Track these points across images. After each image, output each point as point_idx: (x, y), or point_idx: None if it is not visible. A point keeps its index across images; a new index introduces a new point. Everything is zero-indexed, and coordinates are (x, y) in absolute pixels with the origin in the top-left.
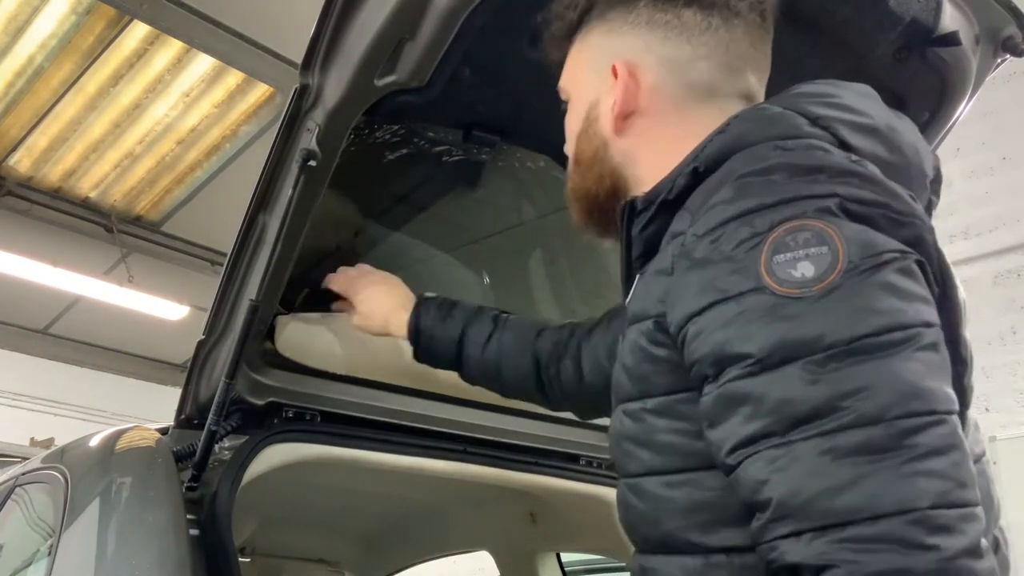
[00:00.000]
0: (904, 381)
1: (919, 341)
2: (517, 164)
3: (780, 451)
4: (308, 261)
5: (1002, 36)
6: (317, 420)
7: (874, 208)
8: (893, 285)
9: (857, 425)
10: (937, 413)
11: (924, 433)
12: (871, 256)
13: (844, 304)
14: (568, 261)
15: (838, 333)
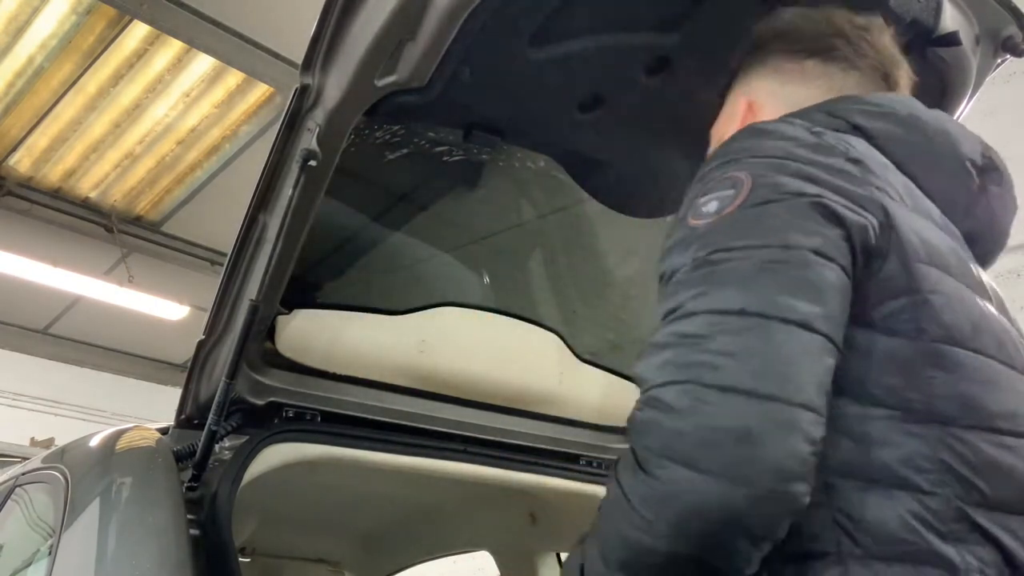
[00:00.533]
0: (728, 284)
1: (768, 256)
2: (517, 164)
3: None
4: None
5: (1002, 36)
6: (317, 420)
7: (794, 162)
8: (770, 214)
9: (683, 317)
10: (750, 316)
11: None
12: (760, 201)
13: (725, 227)
14: (568, 261)
15: (707, 248)
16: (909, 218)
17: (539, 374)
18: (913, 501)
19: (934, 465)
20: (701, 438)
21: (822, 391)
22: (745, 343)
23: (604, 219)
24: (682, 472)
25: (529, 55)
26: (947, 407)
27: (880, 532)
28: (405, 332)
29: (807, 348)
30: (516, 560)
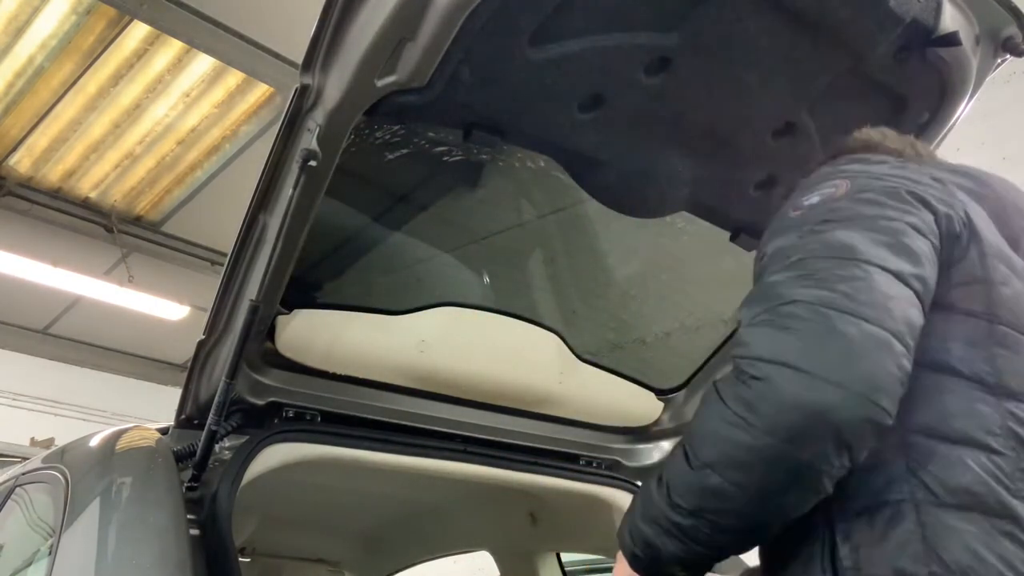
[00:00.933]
0: (837, 235)
1: (870, 223)
2: (517, 164)
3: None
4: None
5: (1002, 36)
6: (317, 420)
7: (888, 177)
8: (870, 198)
9: (796, 261)
10: (856, 260)
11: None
12: (860, 191)
13: (829, 207)
14: (568, 261)
15: (813, 222)
16: (986, 224)
17: (539, 374)
18: (986, 459)
19: (1003, 431)
20: (808, 346)
21: (912, 332)
22: (854, 279)
23: (604, 219)
24: (786, 372)
25: (529, 55)
26: (1012, 382)
27: (954, 484)
28: (405, 332)
29: (900, 293)
30: (516, 560)
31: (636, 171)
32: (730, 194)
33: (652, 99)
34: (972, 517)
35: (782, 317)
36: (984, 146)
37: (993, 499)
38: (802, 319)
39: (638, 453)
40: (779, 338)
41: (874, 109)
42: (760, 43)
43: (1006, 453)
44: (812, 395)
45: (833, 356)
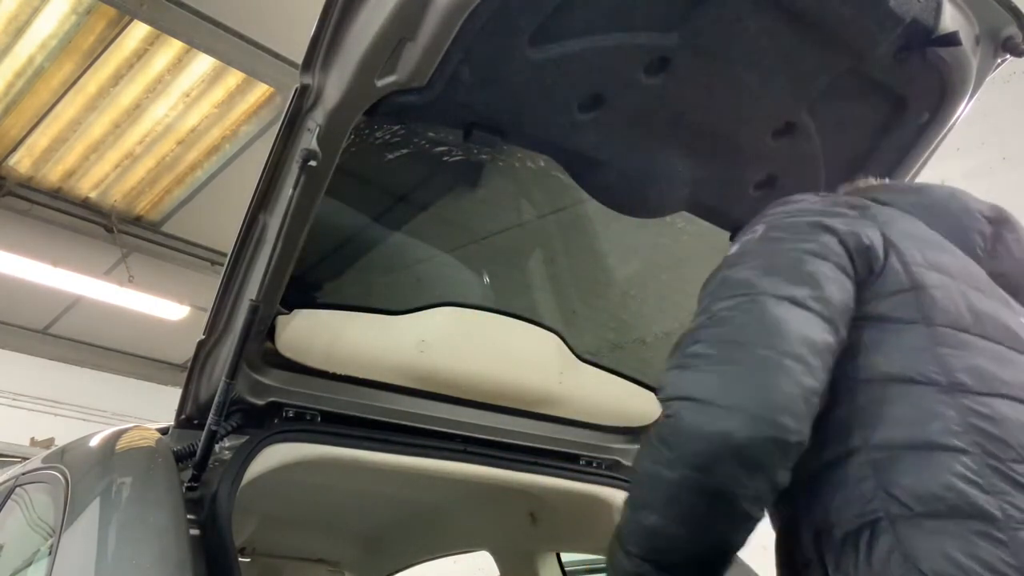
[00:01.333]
0: (735, 280)
1: (769, 260)
2: (517, 164)
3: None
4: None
5: (1002, 36)
6: (317, 420)
7: (804, 213)
8: (776, 237)
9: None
10: (750, 294)
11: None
12: (769, 230)
13: (741, 253)
14: (568, 261)
15: (726, 265)
16: (912, 240)
17: (539, 374)
18: (951, 461)
19: (964, 428)
20: (705, 378)
21: (814, 350)
22: (747, 311)
23: (604, 219)
24: (689, 405)
25: (529, 55)
26: (964, 378)
27: (924, 492)
28: (405, 332)
29: (796, 316)
30: (516, 560)
31: (636, 171)
32: (730, 194)
33: (652, 99)
34: (945, 524)
35: (687, 358)
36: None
37: (964, 501)
38: (701, 356)
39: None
40: (683, 376)
41: (874, 109)
42: (760, 43)
43: (971, 451)
44: (712, 423)
45: (728, 383)
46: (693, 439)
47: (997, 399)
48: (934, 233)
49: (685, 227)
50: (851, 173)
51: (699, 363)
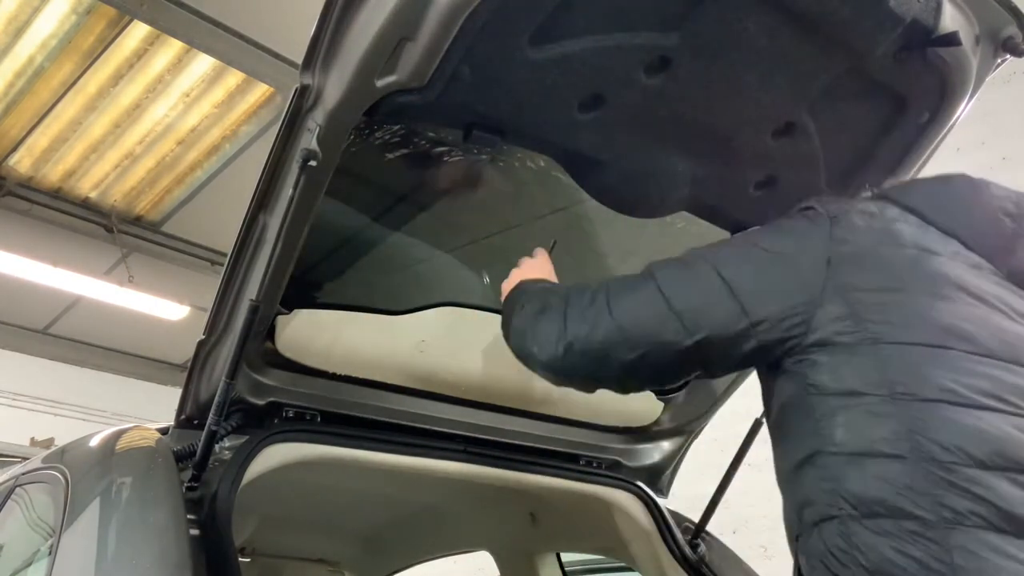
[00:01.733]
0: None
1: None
2: (517, 164)
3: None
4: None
5: (1002, 36)
6: (317, 420)
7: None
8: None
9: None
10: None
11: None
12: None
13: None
14: (568, 261)
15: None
16: (865, 261)
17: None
18: (888, 467)
19: (902, 435)
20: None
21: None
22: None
23: (604, 219)
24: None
25: (529, 55)
26: (906, 388)
27: (865, 496)
28: (405, 332)
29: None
30: (516, 560)
31: (636, 171)
32: (730, 194)
33: (652, 99)
34: (884, 524)
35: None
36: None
37: (899, 504)
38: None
39: (638, 453)
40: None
41: (874, 109)
42: (760, 43)
43: (907, 456)
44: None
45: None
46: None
47: (939, 405)
48: (925, 230)
49: (685, 227)
50: (851, 173)
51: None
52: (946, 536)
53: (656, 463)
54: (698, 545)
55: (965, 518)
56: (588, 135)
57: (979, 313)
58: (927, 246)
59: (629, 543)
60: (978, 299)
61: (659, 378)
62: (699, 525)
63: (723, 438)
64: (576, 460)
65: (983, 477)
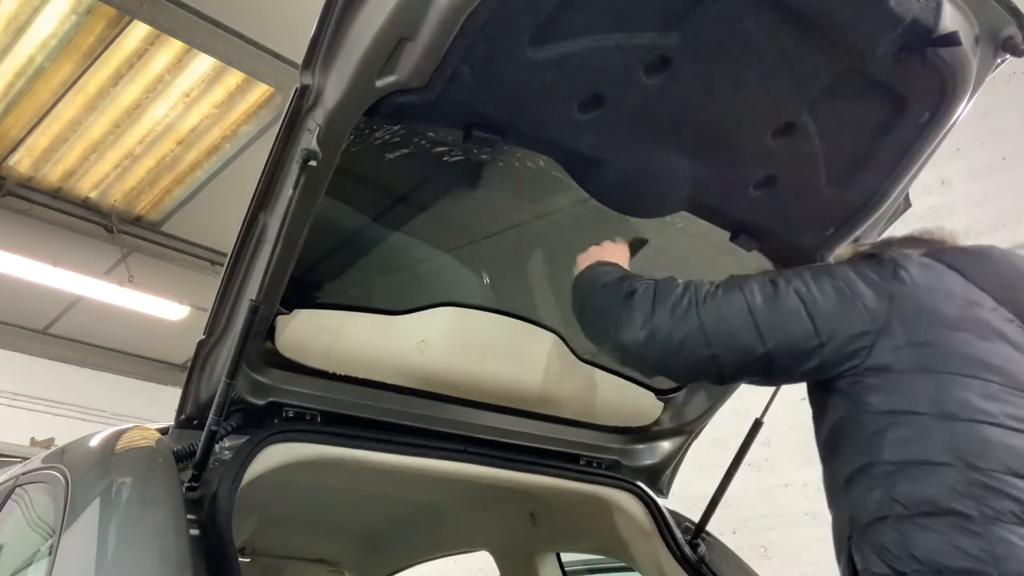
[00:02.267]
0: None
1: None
2: (517, 164)
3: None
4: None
5: (1002, 36)
6: (317, 420)
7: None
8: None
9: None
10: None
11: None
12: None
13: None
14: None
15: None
16: (923, 303)
17: (539, 374)
18: (939, 473)
19: (950, 447)
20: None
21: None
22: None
23: (604, 219)
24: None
25: (529, 55)
26: (953, 409)
27: (914, 498)
28: (405, 332)
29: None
30: (516, 560)
31: (636, 171)
32: (730, 194)
33: (652, 99)
34: (934, 521)
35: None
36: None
37: (947, 503)
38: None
39: (638, 453)
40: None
41: (874, 109)
42: (760, 43)
43: (954, 464)
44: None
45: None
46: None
47: (980, 425)
48: (968, 286)
49: (685, 227)
50: (851, 173)
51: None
52: (988, 530)
53: (656, 463)
54: (698, 545)
55: (1003, 515)
56: (588, 135)
57: (1012, 356)
58: (973, 299)
59: (629, 543)
60: (1011, 344)
61: (722, 377)
62: (699, 525)
63: (723, 438)
64: (576, 460)
65: (1017, 482)
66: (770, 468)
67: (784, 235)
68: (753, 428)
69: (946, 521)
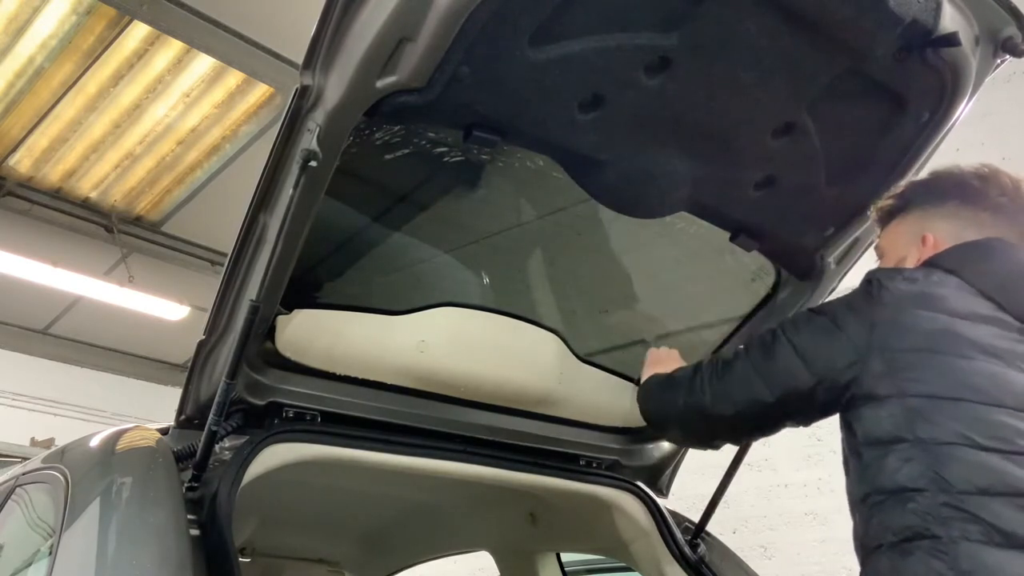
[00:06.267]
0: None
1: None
2: (517, 164)
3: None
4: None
5: (1002, 36)
6: (317, 420)
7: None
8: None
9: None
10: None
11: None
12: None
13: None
14: (568, 261)
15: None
16: (906, 327)
17: (539, 374)
18: (914, 500)
19: (924, 472)
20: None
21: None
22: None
23: (604, 219)
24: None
25: (529, 55)
26: (928, 435)
27: (899, 527)
28: (405, 332)
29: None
30: (516, 560)
31: (636, 171)
32: (730, 194)
33: (652, 99)
34: (913, 546)
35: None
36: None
37: (919, 529)
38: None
39: (638, 453)
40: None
41: (874, 109)
42: (760, 43)
43: (928, 489)
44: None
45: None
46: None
47: (956, 447)
48: (964, 295)
49: (685, 227)
50: (851, 173)
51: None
52: (955, 549)
53: (656, 463)
54: (698, 545)
55: (970, 534)
56: (588, 135)
57: (994, 370)
58: (957, 310)
59: (629, 543)
60: (995, 357)
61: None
62: (699, 525)
63: None
64: (576, 460)
65: (987, 502)
66: (770, 468)
67: (784, 235)
68: None
69: (923, 545)
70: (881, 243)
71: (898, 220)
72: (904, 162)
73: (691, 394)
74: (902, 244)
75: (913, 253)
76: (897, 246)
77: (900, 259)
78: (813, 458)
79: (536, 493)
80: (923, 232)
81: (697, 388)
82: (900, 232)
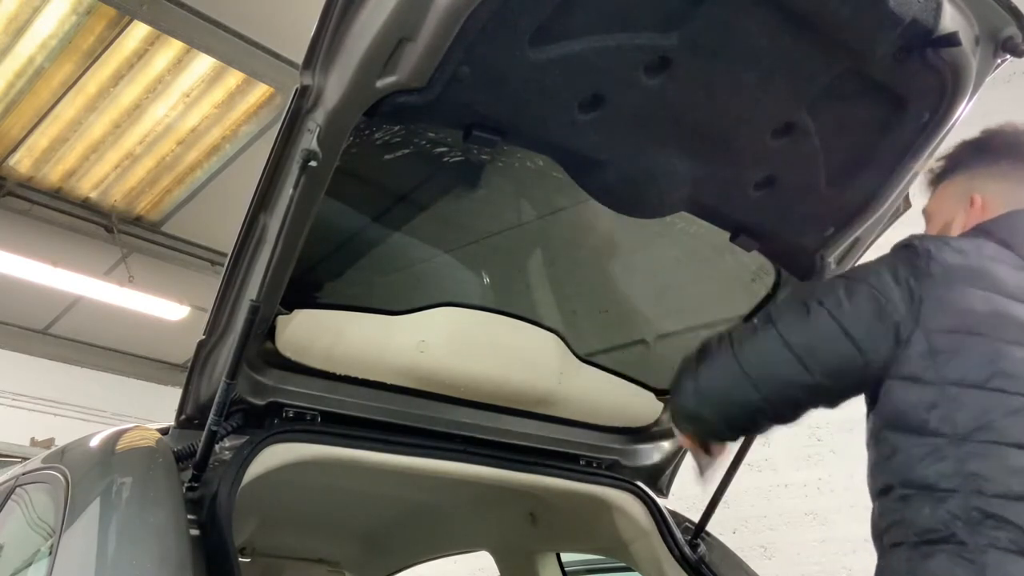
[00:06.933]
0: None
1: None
2: (517, 164)
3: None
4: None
5: (1002, 36)
6: (317, 420)
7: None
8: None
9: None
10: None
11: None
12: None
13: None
14: (568, 261)
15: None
16: (949, 302)
17: (539, 374)
18: (942, 501)
19: (956, 472)
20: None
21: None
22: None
23: (604, 219)
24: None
25: (529, 55)
26: (967, 430)
27: (923, 526)
28: (405, 332)
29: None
30: (516, 560)
31: (636, 171)
32: (730, 194)
33: (652, 99)
34: (936, 548)
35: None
36: None
37: (945, 532)
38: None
39: (638, 453)
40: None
41: (874, 109)
42: (760, 43)
43: (959, 490)
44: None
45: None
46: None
47: (993, 446)
48: (1017, 270)
49: (685, 227)
50: (851, 173)
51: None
52: (982, 557)
53: (656, 463)
54: (698, 545)
55: (998, 542)
56: (588, 135)
57: None
58: (1010, 290)
59: (629, 543)
60: None
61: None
62: (699, 525)
63: None
64: (576, 460)
65: (1018, 507)
66: (770, 468)
67: (784, 235)
68: None
69: (947, 549)
70: (929, 206)
71: (947, 182)
72: (904, 162)
73: (709, 370)
74: (949, 207)
75: (960, 216)
76: (944, 209)
77: (946, 222)
78: (813, 458)
79: (536, 493)
80: (971, 193)
81: (717, 365)
82: (948, 194)
